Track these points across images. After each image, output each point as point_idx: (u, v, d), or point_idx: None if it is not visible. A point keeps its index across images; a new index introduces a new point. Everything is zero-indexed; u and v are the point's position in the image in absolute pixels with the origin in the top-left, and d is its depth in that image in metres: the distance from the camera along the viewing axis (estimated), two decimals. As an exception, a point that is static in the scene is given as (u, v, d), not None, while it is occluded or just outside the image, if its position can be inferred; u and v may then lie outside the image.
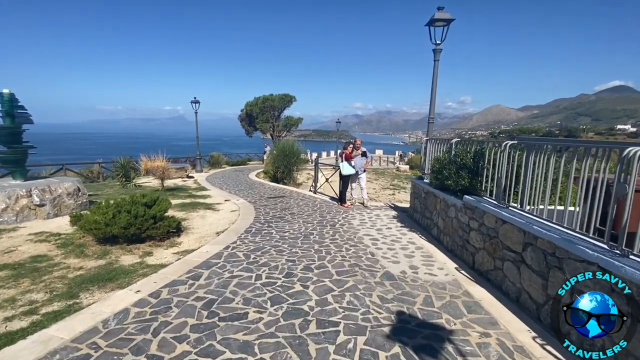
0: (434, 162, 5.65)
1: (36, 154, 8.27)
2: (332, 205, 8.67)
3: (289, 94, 36.99)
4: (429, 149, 6.78)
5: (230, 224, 6.65)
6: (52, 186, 7.23)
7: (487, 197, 4.39)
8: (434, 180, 5.62)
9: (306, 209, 8.09)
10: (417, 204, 6.93)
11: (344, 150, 8.23)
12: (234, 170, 20.56)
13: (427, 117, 7.01)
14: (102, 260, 4.46)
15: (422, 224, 6.54)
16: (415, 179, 7.25)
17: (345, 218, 7.15)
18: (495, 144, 4.32)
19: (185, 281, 3.75)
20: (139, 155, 12.41)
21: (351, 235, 5.83)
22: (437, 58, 6.72)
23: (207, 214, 7.58)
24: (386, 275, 4.05)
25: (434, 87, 6.78)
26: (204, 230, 6.19)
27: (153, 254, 4.79)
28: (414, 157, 32.28)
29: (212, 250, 4.84)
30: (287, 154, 14.59)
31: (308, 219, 7.06)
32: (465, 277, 4.05)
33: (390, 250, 5.05)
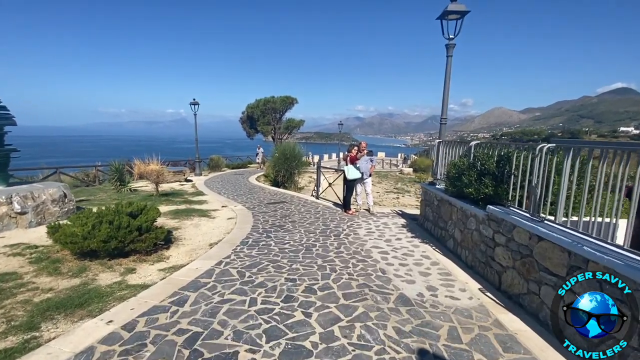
0: (450, 168, 5.11)
1: (39, 157, 7.81)
2: (335, 211, 8.13)
3: (291, 96, 36.54)
4: (442, 152, 6.24)
5: (226, 233, 6.12)
6: (35, 192, 6.73)
7: (515, 208, 3.84)
8: (450, 187, 5.07)
9: (308, 216, 7.55)
10: (429, 212, 6.38)
11: (349, 153, 7.69)
12: (234, 173, 20.06)
13: (440, 118, 6.47)
14: (77, 279, 3.93)
15: (435, 234, 5.98)
16: (426, 184, 6.71)
17: (350, 227, 6.60)
18: (524, 147, 3.78)
19: (168, 307, 3.21)
20: (142, 158, 11.90)
21: (358, 247, 5.28)
22: (450, 54, 6.19)
23: (201, 222, 7.05)
24: (401, 299, 3.50)
25: (446, 85, 6.26)
26: (196, 241, 5.66)
27: (136, 270, 4.26)
28: (418, 160, 31.72)
29: (202, 267, 4.30)
30: (288, 157, 14.07)
31: (310, 227, 6.52)
32: (493, 302, 3.50)
33: (403, 266, 4.50)
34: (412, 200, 18.03)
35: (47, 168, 14.58)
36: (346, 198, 7.98)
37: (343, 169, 7.94)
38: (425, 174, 27.68)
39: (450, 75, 6.27)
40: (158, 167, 9.64)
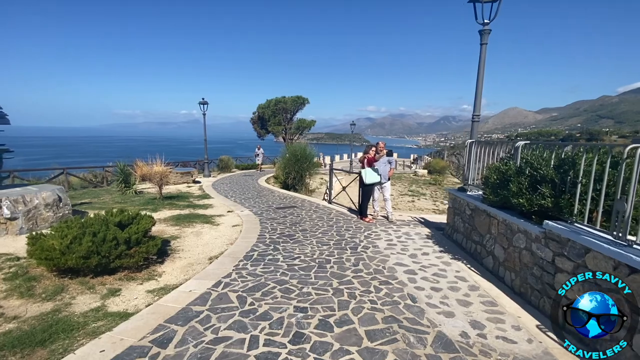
0: (490, 172, 4.32)
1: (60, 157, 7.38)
2: (350, 218, 7.40)
3: (302, 96, 36.00)
4: (474, 154, 5.45)
5: (229, 244, 5.47)
6: (27, 196, 6.23)
7: (582, 225, 3.05)
8: (490, 195, 4.28)
9: (320, 224, 6.85)
10: (459, 223, 5.60)
11: (366, 155, 6.94)
12: (244, 174, 19.54)
13: (472, 115, 5.67)
14: (50, 303, 3.33)
15: (468, 248, 5.20)
16: (455, 190, 5.92)
17: (368, 237, 5.87)
18: (597, 148, 2.99)
19: (147, 350, 2.56)
20: (156, 158, 11.40)
21: (379, 264, 4.55)
22: (484, 41, 5.40)
23: (203, 229, 6.43)
24: (441, 341, 2.76)
25: (480, 77, 5.47)
26: (195, 253, 5.03)
27: (121, 292, 3.64)
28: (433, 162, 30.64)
29: (197, 289, 3.65)
30: (299, 158, 13.40)
31: (323, 238, 5.82)
32: (560, 348, 2.72)
33: (436, 291, 3.74)
34: (428, 204, 17.17)
35: (55, 168, 14.29)
36: (362, 204, 7.25)
37: (359, 171, 7.21)
38: (441, 176, 26.62)
39: (484, 66, 5.47)
40: (162, 169, 9.09)
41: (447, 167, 31.81)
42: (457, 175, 32.88)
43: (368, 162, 6.90)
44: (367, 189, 7.07)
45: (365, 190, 7.10)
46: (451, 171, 33.98)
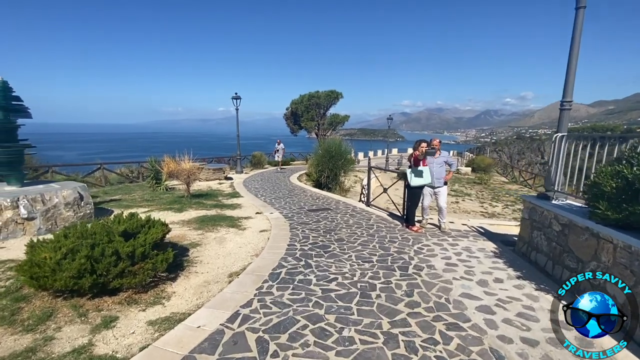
0: (604, 178, 3.10)
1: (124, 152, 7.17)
2: (393, 226, 6.35)
3: (335, 91, 34.98)
4: (563, 151, 4.20)
5: (254, 256, 4.69)
6: (46, 195, 5.88)
7: None
8: (607, 210, 3.07)
9: (359, 232, 5.89)
10: (540, 240, 4.37)
11: (415, 152, 5.83)
12: (276, 171, 18.97)
13: (561, 102, 4.38)
14: (29, 335, 2.69)
15: (556, 275, 3.97)
16: (534, 198, 4.68)
17: (419, 253, 4.82)
18: None
19: None
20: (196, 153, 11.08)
21: (440, 294, 3.51)
22: (581, 4, 4.10)
23: (228, 235, 5.73)
24: None
25: (573, 50, 4.17)
26: (214, 267, 4.29)
27: (117, 322, 2.94)
28: (477, 159, 28.36)
29: (208, 325, 2.85)
30: (333, 154, 12.46)
31: (363, 251, 4.85)
32: None
33: (530, 345, 2.64)
34: (474, 206, 15.56)
35: (93, 164, 14.52)
36: (409, 210, 6.16)
37: (405, 171, 6.13)
38: (486, 175, 24.46)
39: (579, 37, 4.18)
40: (189, 166, 8.57)
41: (493, 164, 29.33)
42: (504, 174, 30.28)
43: (415, 160, 5.81)
44: (413, 192, 5.97)
45: (412, 193, 6.00)
46: (497, 169, 31.39)
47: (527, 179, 24.71)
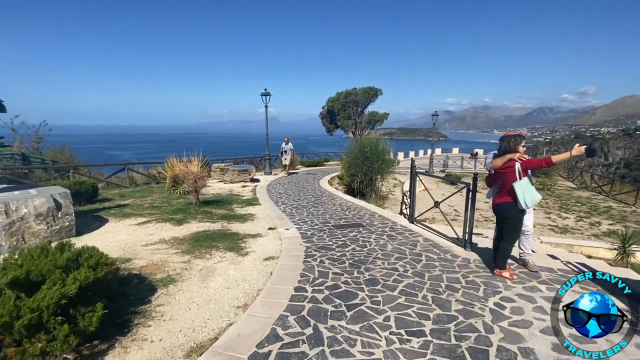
0: None
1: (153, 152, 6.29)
2: (450, 257, 4.47)
3: (374, 87, 32.92)
4: None
5: (241, 307, 3.14)
6: (12, 204, 4.83)
7: None
8: None
9: (400, 268, 4.12)
10: None
11: (514, 152, 3.73)
12: (306, 172, 17.53)
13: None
14: None
15: None
16: None
17: (500, 317, 2.94)
18: None
19: None
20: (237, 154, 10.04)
21: None
22: None
23: (220, 264, 4.26)
24: None
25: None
26: (175, 330, 2.80)
27: None
28: (537, 160, 24.69)
29: None
30: (369, 155, 10.64)
31: (408, 309, 3.08)
32: None
33: None
34: (540, 218, 12.92)
35: (117, 164, 14.10)
36: (504, 247, 3.87)
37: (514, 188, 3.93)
38: (549, 179, 21.00)
39: None
40: (197, 170, 7.30)
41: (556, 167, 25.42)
42: (569, 177, 26.23)
43: (524, 165, 3.71)
44: (518, 218, 3.78)
45: (519, 219, 3.79)
46: (560, 172, 27.26)
47: (601, 184, 20.86)
